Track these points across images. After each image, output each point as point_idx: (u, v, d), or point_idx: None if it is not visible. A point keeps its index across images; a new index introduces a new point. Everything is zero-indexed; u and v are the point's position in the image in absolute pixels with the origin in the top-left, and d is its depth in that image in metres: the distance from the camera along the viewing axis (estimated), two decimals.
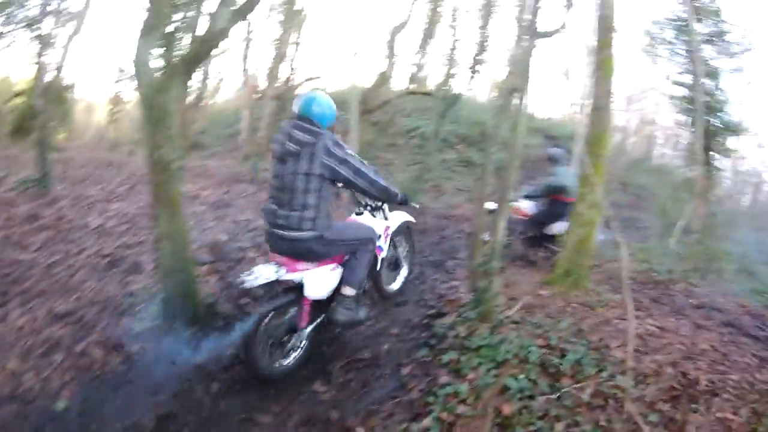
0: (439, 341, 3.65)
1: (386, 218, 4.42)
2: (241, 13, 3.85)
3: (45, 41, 18.81)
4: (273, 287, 3.70)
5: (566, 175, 6.39)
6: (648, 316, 4.70)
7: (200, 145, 17.61)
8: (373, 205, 4.31)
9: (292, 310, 3.57)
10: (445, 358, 3.30)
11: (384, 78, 13.78)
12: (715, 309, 5.55)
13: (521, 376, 3.04)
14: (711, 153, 13.95)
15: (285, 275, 3.43)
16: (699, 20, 13.78)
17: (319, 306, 3.68)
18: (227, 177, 10.53)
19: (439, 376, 3.18)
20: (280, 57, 13.68)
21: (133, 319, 3.97)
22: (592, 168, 3.63)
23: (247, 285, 3.34)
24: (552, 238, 6.45)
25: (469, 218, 7.31)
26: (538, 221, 6.55)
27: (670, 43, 16.18)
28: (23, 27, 20.09)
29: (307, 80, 17.24)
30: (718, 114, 14.73)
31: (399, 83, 19.18)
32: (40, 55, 16.17)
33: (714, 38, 14.91)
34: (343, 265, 3.73)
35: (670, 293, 5.95)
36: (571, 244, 4.68)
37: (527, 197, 6.74)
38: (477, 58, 14.69)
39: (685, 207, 10.40)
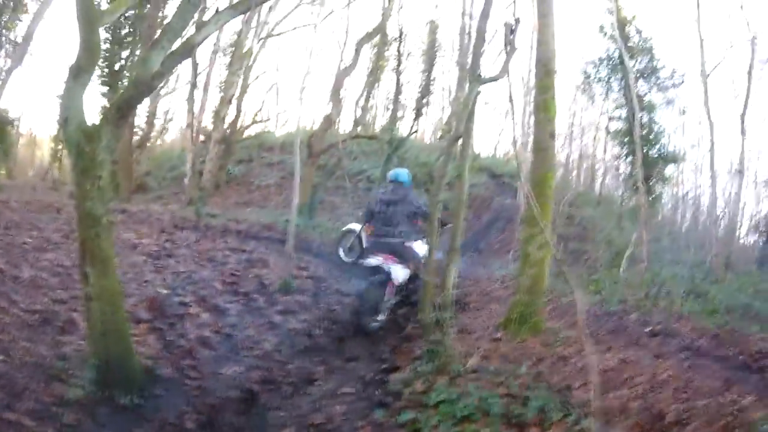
0: (395, 399, 3.47)
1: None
2: (177, 57, 3.68)
3: None
4: (377, 271, 5.69)
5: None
6: (607, 350, 4.69)
7: (145, 187, 17.07)
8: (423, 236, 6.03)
9: (383, 288, 5.68)
10: (403, 417, 3.11)
11: (329, 121, 13.81)
12: (671, 335, 5.64)
13: (485, 431, 2.91)
14: (650, 182, 14.59)
15: (383, 264, 5.65)
16: (632, 57, 14.59)
17: (399, 290, 5.91)
18: (170, 223, 10.06)
19: None
20: (226, 99, 13.50)
21: (65, 386, 3.60)
22: (539, 208, 3.61)
23: (366, 264, 5.82)
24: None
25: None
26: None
27: (605, 80, 17.05)
28: None
29: (253, 123, 17.09)
30: (655, 144, 15.49)
31: (345, 126, 19.42)
32: None
33: (646, 74, 15.81)
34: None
35: (624, 324, 6.01)
36: (524, 287, 4.65)
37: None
38: (421, 101, 15.09)
39: (630, 236, 10.75)
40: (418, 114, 15.04)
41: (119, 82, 17.34)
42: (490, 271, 10.61)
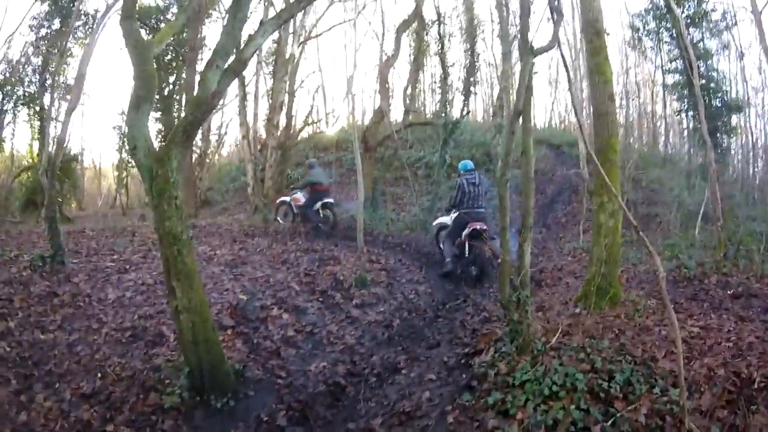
0: (480, 381, 3.50)
1: None
2: (231, 74, 3.82)
3: (46, 115, 19.32)
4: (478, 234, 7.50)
5: (319, 174, 11.18)
6: (688, 317, 4.53)
7: (209, 202, 17.70)
8: None
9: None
10: (490, 399, 3.14)
11: (381, 114, 13.81)
12: (753, 296, 5.36)
13: (572, 408, 2.89)
14: (717, 134, 13.76)
15: (482, 226, 7.61)
16: (679, 4, 13.73)
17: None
18: (240, 232, 10.47)
19: (486, 420, 3.01)
20: (276, 106, 13.77)
21: (161, 395, 3.84)
22: (606, 176, 3.50)
23: (476, 228, 7.57)
24: (317, 213, 10.79)
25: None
26: (308, 204, 10.82)
27: (654, 32, 16.20)
28: (23, 103, 20.78)
29: (305, 126, 17.34)
30: (717, 94, 14.59)
31: (395, 116, 19.39)
32: (42, 129, 16.39)
33: (697, 19, 14.89)
34: None
35: (705, 288, 5.76)
36: (598, 258, 4.54)
37: (297, 190, 11.29)
38: (468, 80, 14.83)
39: (702, 195, 10.19)
40: (467, 94, 14.72)
41: (171, 106, 18.25)
42: (561, 245, 10.48)
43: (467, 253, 7.80)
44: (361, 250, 7.43)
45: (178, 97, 20.30)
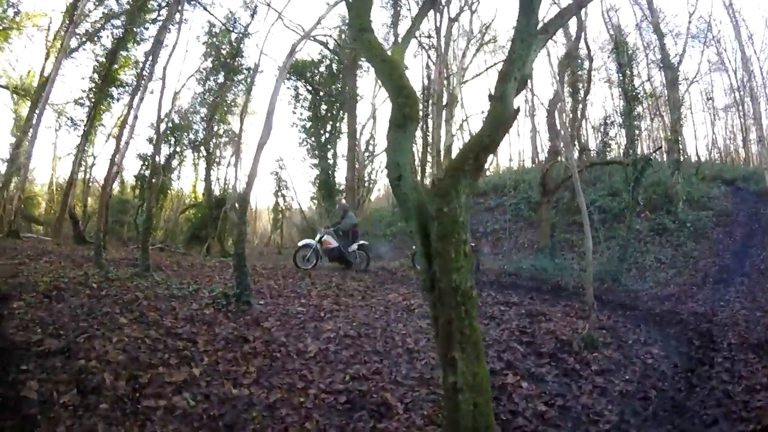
0: None
1: None
2: (522, 86, 3.06)
3: (212, 158, 20.94)
4: None
5: (354, 216, 11.92)
6: None
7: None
8: None
9: None
10: None
11: (555, 154, 12.76)
12: None
13: None
14: None
15: None
16: None
17: None
18: (417, 279, 9.86)
19: None
20: (443, 150, 13.31)
21: None
22: None
23: None
24: (354, 254, 11.27)
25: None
26: (346, 245, 11.20)
27: None
28: (190, 148, 22.82)
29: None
30: None
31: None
32: (208, 170, 17.54)
33: None
34: None
35: None
36: None
37: (329, 232, 11.45)
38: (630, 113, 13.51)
39: None
40: (634, 129, 13.41)
41: (327, 154, 19.27)
42: None
43: None
44: (591, 307, 6.25)
45: (331, 147, 21.14)
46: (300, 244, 12.14)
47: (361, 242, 11.66)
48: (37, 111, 16.35)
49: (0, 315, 5.00)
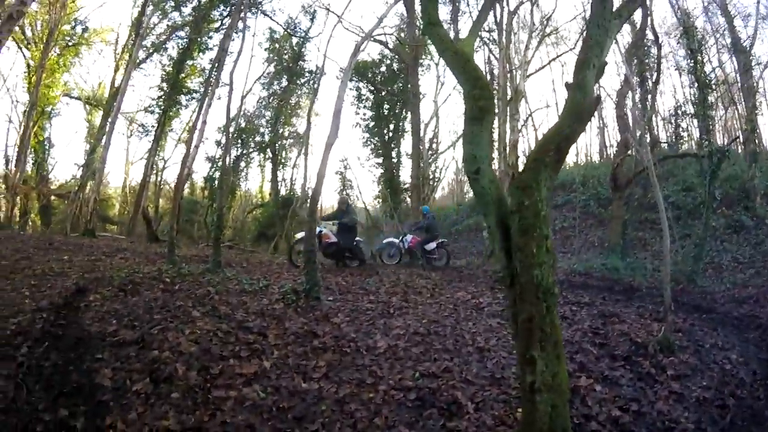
0: None
1: None
2: (601, 73, 2.94)
3: (278, 159, 21.58)
4: None
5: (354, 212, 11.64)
6: None
7: None
8: None
9: None
10: None
11: (625, 147, 12.19)
12: None
13: None
14: None
15: None
16: None
17: None
18: (485, 277, 9.71)
19: None
20: (511, 145, 13.11)
21: None
22: None
23: None
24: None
25: None
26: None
27: None
28: (257, 150, 23.56)
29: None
30: None
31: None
32: (274, 171, 18.04)
33: None
34: None
35: None
36: None
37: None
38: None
39: None
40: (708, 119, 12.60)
41: (390, 153, 19.19)
42: None
43: None
44: (668, 309, 5.90)
45: (394, 145, 21.26)
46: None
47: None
48: (109, 119, 17.46)
49: (77, 307, 5.30)
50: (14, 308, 5.06)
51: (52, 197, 20.48)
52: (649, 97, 13.60)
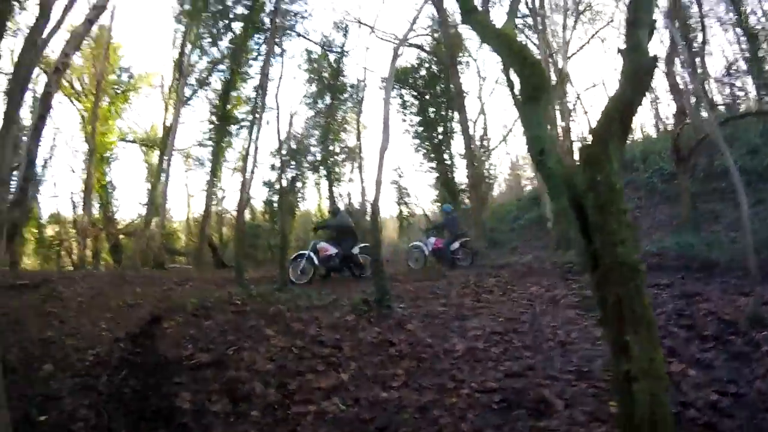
0: None
1: None
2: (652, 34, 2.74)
3: (333, 177, 21.92)
4: None
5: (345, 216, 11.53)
6: None
7: (495, 242, 16.95)
8: None
9: None
10: None
11: (683, 113, 11.45)
12: None
13: None
14: None
15: None
16: None
17: None
18: (554, 268, 9.42)
19: None
20: (565, 130, 12.70)
21: None
22: None
23: None
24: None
25: None
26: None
27: None
28: (309, 169, 23.99)
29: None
30: None
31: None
32: (330, 187, 18.41)
33: None
34: None
35: None
36: None
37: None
38: None
39: None
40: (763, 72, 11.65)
41: (442, 155, 19.04)
42: None
43: None
44: (755, 281, 5.46)
45: (445, 148, 21.16)
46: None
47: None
48: (165, 157, 18.28)
49: (153, 334, 5.48)
50: (92, 341, 5.30)
51: (121, 236, 21.67)
52: (699, 59, 12.78)
